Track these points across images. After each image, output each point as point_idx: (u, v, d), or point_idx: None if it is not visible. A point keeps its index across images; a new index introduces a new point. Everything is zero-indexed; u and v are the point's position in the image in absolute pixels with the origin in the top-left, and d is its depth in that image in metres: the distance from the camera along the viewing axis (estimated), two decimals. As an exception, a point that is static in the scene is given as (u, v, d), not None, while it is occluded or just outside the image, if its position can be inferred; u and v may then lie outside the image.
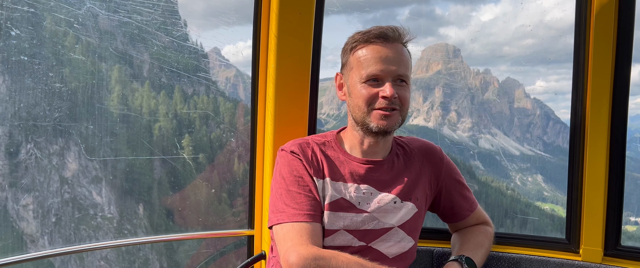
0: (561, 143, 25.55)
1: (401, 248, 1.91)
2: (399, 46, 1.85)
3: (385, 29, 1.83)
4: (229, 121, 3.77)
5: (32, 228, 6.66)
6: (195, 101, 4.12)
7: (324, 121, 17.32)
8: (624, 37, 2.15)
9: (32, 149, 6.04)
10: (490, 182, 14.37)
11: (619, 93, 2.18)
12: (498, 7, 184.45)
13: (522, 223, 14.03)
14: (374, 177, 1.91)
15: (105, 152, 3.94)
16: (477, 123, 27.82)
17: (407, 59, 1.86)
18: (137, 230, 5.96)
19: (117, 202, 5.95)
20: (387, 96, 1.79)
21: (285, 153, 1.92)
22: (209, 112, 3.85)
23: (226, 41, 5.32)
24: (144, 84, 3.99)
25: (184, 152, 3.50)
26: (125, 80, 3.91)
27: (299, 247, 1.67)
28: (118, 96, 3.88)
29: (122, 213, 5.98)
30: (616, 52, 2.16)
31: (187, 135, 3.69)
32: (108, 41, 3.40)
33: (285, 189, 1.83)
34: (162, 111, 4.02)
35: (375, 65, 1.80)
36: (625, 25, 2.15)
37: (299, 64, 2.35)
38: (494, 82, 32.05)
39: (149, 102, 4.02)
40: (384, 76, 1.81)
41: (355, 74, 1.86)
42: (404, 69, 1.83)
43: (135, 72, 3.97)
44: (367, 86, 1.82)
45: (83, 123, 3.73)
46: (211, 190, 3.66)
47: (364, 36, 1.85)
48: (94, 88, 3.59)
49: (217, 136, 3.80)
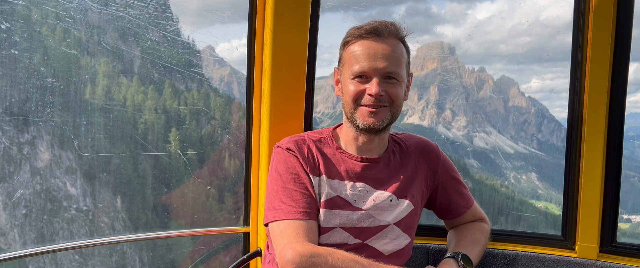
0: (555, 141, 25.67)
1: (397, 245, 1.91)
2: (393, 42, 1.82)
3: (378, 24, 1.81)
4: (220, 117, 3.71)
5: (1, 221, 6.44)
6: (186, 96, 4.03)
7: (319, 119, 17.31)
8: (623, 34, 2.15)
9: (1, 139, 5.85)
10: (485, 180, 14.43)
11: (616, 91, 2.18)
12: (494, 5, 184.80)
13: (516, 221, 14.11)
14: (370, 175, 1.90)
15: (82, 142, 3.79)
16: (471, 121, 27.91)
17: (400, 55, 1.82)
18: (115, 223, 5.77)
19: (93, 194, 5.74)
20: (372, 94, 1.77)
21: (281, 150, 1.90)
22: (200, 107, 3.79)
23: (221, 38, 5.27)
24: (132, 79, 3.88)
25: (171, 147, 3.45)
26: (113, 74, 3.81)
27: (295, 244, 1.66)
28: (102, 88, 3.76)
29: (98, 206, 5.75)
30: (614, 50, 2.16)
31: (175, 129, 3.60)
32: (99, 36, 3.34)
33: (281, 186, 1.82)
34: (149, 105, 3.92)
35: (363, 62, 1.79)
36: (623, 22, 2.15)
37: (294, 59, 2.33)
38: (489, 80, 32.16)
39: (135, 96, 3.91)
40: (371, 73, 1.79)
41: (346, 70, 1.85)
42: (394, 65, 1.80)
43: (125, 68, 3.89)
44: (355, 82, 1.81)
45: (62, 113, 3.61)
46: (206, 186, 3.60)
47: (357, 31, 1.83)
48: (78, 81, 3.50)
49: (208, 133, 3.73)
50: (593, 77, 2.19)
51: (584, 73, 2.23)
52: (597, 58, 2.18)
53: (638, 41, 2.23)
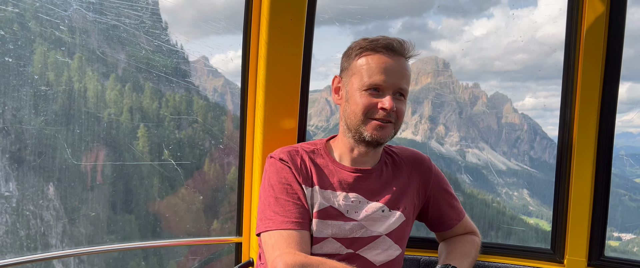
0: (547, 158, 25.82)
1: (388, 256, 1.91)
2: (403, 60, 1.85)
3: (392, 41, 1.84)
4: (203, 120, 3.59)
5: None
6: (168, 98, 3.78)
7: (312, 132, 17.25)
8: (613, 54, 2.18)
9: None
10: (477, 195, 14.43)
11: (606, 110, 2.21)
12: (491, 22, 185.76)
13: (506, 235, 14.11)
14: (363, 186, 1.91)
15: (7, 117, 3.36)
16: (464, 136, 28.03)
17: (409, 73, 1.87)
18: (43, 212, 5.25)
19: (18, 179, 5.08)
20: (386, 108, 1.79)
21: (274, 161, 1.91)
22: (181, 110, 3.66)
23: (216, 49, 5.21)
24: (116, 82, 3.63)
25: (138, 144, 3.31)
26: (97, 76, 3.58)
27: (286, 255, 1.66)
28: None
29: (25, 192, 5.12)
30: (605, 69, 2.20)
31: (142, 125, 3.38)
32: (85, 40, 3.22)
33: (273, 197, 1.82)
34: (126, 103, 3.62)
35: (379, 75, 1.80)
36: (614, 42, 2.18)
37: (289, 71, 2.35)
38: (482, 96, 32.34)
39: (109, 93, 3.61)
40: (386, 88, 1.81)
41: (356, 80, 1.85)
42: (406, 83, 1.84)
43: (108, 71, 3.67)
44: (367, 94, 1.82)
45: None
46: (197, 195, 3.47)
47: (371, 44, 1.85)
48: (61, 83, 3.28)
49: (189, 136, 3.57)
50: (584, 95, 2.22)
51: (575, 91, 2.26)
52: (588, 77, 2.21)
53: (630, 60, 2.26)
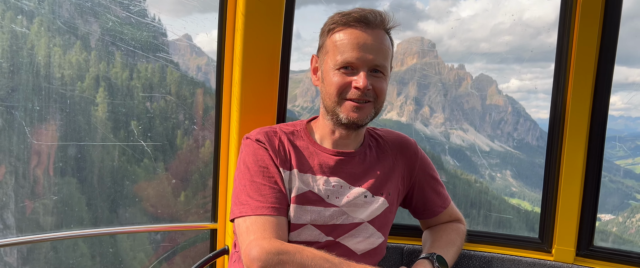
0: (531, 140, 26.06)
1: (370, 244, 1.83)
2: (380, 33, 1.72)
3: (367, 13, 1.70)
4: (176, 92, 3.36)
5: None
6: (139, 69, 3.50)
7: (297, 113, 17.16)
8: (609, 35, 2.10)
9: None
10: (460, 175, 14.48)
11: (600, 92, 2.13)
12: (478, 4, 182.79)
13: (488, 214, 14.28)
14: (345, 170, 1.81)
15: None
16: (449, 118, 28.16)
17: (387, 48, 1.74)
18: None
19: None
20: (360, 87, 1.68)
21: (250, 141, 1.80)
22: (153, 80, 3.44)
23: (200, 28, 4.99)
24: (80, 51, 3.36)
25: (97, 110, 3.07)
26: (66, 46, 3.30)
27: (261, 241, 1.56)
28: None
29: None
30: (600, 50, 2.11)
31: (102, 89, 3.09)
32: (56, 13, 2.99)
33: (249, 180, 1.71)
34: (92, 72, 3.33)
35: (351, 52, 1.68)
36: (611, 22, 2.09)
37: (268, 47, 2.21)
38: (467, 78, 32.36)
39: (73, 57, 3.32)
40: (359, 65, 1.69)
41: (330, 58, 1.74)
42: (382, 58, 1.71)
43: (83, 44, 3.41)
44: (340, 73, 1.71)
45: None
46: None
47: (343, 18, 1.72)
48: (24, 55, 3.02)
49: (161, 108, 3.34)
50: (577, 77, 2.14)
51: (568, 73, 2.17)
52: (582, 58, 2.12)
53: (624, 42, 2.17)
